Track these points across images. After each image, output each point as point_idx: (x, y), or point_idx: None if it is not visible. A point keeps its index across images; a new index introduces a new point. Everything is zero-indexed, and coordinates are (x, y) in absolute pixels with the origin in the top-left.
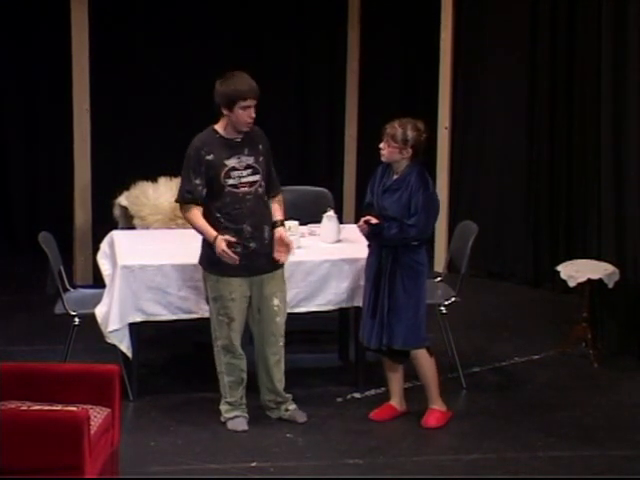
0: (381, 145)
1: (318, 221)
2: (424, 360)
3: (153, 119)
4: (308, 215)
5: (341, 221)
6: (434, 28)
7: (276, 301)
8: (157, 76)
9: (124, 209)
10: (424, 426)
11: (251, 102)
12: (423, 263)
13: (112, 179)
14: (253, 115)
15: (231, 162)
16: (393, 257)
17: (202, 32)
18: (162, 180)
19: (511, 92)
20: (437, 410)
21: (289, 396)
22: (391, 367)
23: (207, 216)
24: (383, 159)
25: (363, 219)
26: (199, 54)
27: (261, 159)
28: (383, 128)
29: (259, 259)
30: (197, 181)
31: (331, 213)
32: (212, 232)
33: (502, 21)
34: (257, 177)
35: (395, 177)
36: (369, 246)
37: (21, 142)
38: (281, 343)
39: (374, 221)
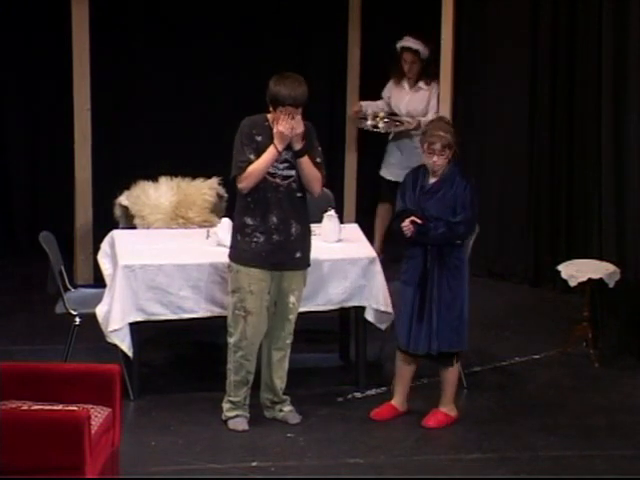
0: (434, 159)
1: (319, 221)
2: (453, 363)
3: (154, 119)
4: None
5: (342, 221)
6: (434, 28)
7: (292, 298)
8: (157, 76)
9: (125, 209)
10: (423, 425)
11: (291, 109)
12: (465, 261)
13: (113, 179)
14: (294, 119)
15: None
16: (439, 258)
17: (202, 32)
18: (163, 179)
19: (512, 92)
20: (442, 413)
21: (286, 398)
22: (405, 369)
23: (240, 197)
24: (436, 169)
25: (408, 219)
26: (199, 54)
27: (305, 148)
28: (425, 141)
29: (282, 253)
30: (251, 156)
31: (332, 213)
32: (270, 147)
33: (503, 21)
34: (292, 172)
35: (433, 180)
36: (415, 248)
37: (22, 141)
38: (288, 341)
39: (419, 221)
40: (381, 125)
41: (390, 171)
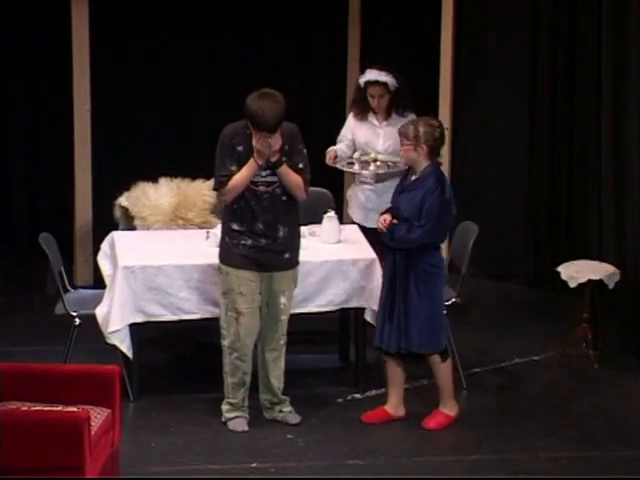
0: (401, 147)
1: (318, 222)
2: (438, 364)
3: (154, 119)
4: (308, 216)
5: (341, 222)
6: (434, 28)
7: (283, 299)
8: (157, 76)
9: (125, 210)
10: (424, 426)
11: (265, 134)
12: (438, 266)
13: (113, 180)
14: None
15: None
16: (406, 260)
17: (202, 32)
18: (163, 181)
19: (512, 92)
20: (442, 413)
21: (286, 398)
22: (394, 371)
23: (224, 206)
24: (402, 160)
25: (382, 216)
26: (199, 54)
27: (283, 159)
28: (398, 130)
29: (270, 255)
30: (233, 168)
31: (331, 214)
32: (250, 160)
33: (503, 21)
34: (276, 178)
35: (413, 178)
36: (386, 249)
37: (21, 142)
38: (282, 341)
39: (391, 220)
40: (381, 171)
41: (370, 217)
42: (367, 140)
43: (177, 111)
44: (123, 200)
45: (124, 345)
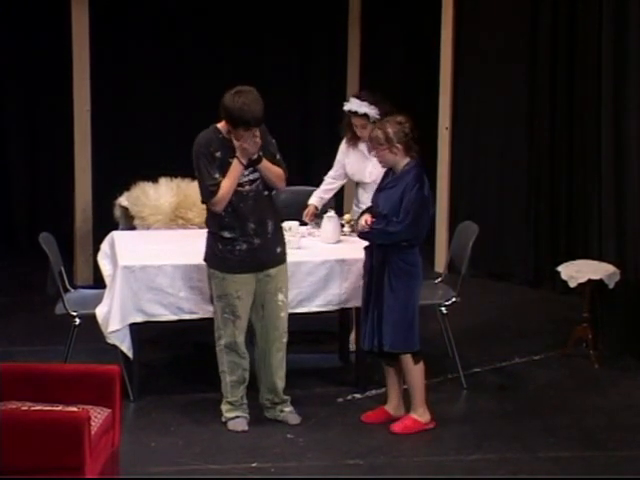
0: (372, 153)
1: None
2: (409, 366)
3: (153, 119)
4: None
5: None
6: (434, 28)
7: (281, 296)
8: (157, 76)
9: (125, 209)
10: (390, 429)
11: (253, 130)
12: (414, 265)
13: (112, 179)
14: (255, 141)
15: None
16: (383, 257)
17: (202, 32)
18: (163, 180)
19: (511, 92)
20: (411, 418)
21: (287, 398)
22: (388, 370)
23: (211, 214)
24: (381, 166)
25: (364, 217)
26: (199, 54)
27: (260, 154)
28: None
29: (264, 253)
30: (217, 175)
31: (331, 213)
32: (234, 163)
33: (502, 21)
34: (257, 175)
35: (393, 176)
36: (365, 248)
37: (21, 143)
38: (284, 339)
39: (372, 220)
40: (347, 230)
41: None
42: (354, 172)
43: (177, 111)
44: (123, 200)
45: (124, 345)
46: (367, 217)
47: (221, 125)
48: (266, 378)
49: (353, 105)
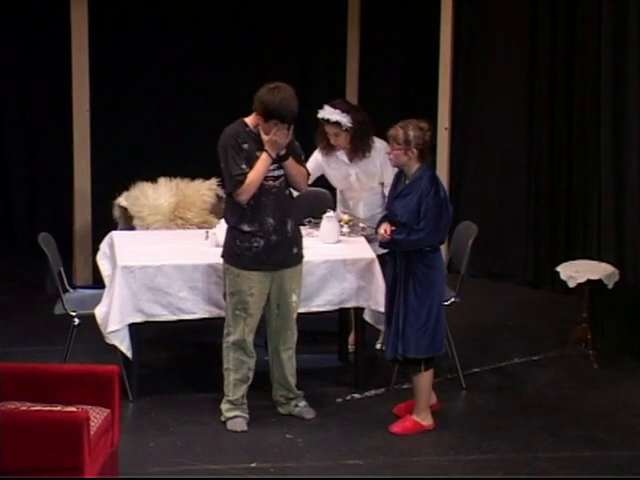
0: (387, 150)
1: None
2: (419, 371)
3: (153, 119)
4: (308, 216)
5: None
6: (434, 28)
7: (294, 297)
8: (157, 76)
9: (124, 210)
10: (389, 429)
11: (286, 125)
12: (437, 268)
13: (112, 180)
14: (286, 135)
15: (260, 156)
16: (406, 264)
17: (202, 32)
18: (162, 180)
19: (511, 92)
20: (412, 420)
21: (300, 392)
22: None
23: (233, 206)
24: (392, 164)
25: (384, 227)
26: (199, 54)
27: (287, 151)
28: (387, 133)
29: (280, 252)
30: (243, 166)
31: (331, 214)
32: (263, 155)
33: (502, 21)
34: (282, 172)
35: (407, 182)
36: (387, 255)
37: (21, 142)
38: (295, 338)
39: (391, 229)
40: (346, 230)
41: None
42: (338, 181)
43: (176, 111)
44: (122, 200)
45: (123, 345)
46: (386, 226)
47: (248, 119)
48: (279, 374)
49: (325, 113)
